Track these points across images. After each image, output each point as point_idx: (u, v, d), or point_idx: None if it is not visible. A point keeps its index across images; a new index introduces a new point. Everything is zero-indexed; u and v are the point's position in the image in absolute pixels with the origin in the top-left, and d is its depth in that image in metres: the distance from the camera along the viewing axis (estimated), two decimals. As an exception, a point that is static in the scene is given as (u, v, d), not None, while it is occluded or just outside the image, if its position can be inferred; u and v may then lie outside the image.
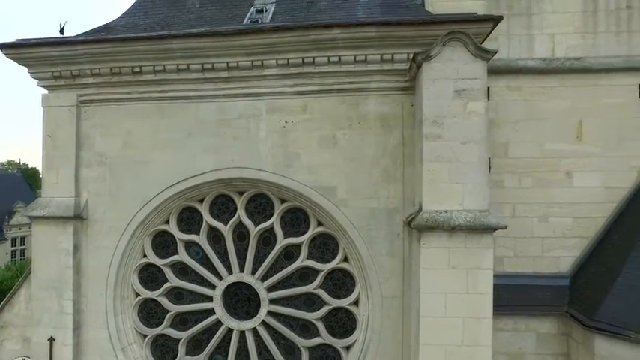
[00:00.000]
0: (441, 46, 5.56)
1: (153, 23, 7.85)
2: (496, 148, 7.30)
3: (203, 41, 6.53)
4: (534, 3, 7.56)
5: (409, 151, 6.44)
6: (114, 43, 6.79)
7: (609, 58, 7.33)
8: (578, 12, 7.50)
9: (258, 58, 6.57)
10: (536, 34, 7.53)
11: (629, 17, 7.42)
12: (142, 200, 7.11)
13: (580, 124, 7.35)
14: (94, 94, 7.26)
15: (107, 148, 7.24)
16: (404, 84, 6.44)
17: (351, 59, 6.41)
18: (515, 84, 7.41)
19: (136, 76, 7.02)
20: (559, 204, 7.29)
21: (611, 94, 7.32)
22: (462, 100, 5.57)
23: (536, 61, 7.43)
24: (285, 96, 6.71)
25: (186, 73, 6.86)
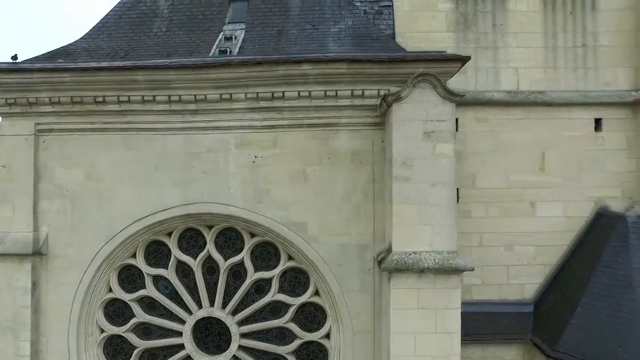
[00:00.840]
0: (411, 87, 5.63)
1: (117, 47, 7.55)
2: (464, 179, 7.46)
3: (169, 73, 6.34)
4: (500, 37, 7.77)
5: (380, 186, 6.49)
6: (74, 73, 6.48)
7: (568, 93, 7.65)
8: (540, 47, 7.77)
9: (226, 92, 6.44)
10: (502, 67, 7.75)
11: (585, 54, 7.76)
12: (107, 234, 6.84)
13: (543, 155, 7.63)
14: (53, 123, 6.91)
15: (69, 180, 6.91)
16: (374, 119, 6.48)
17: (321, 94, 6.39)
18: (482, 116, 7.60)
19: (99, 106, 6.74)
20: (524, 233, 7.54)
21: (570, 127, 7.64)
22: (431, 141, 5.66)
23: (502, 93, 7.64)
24: (255, 130, 6.61)
25: (153, 104, 6.64)
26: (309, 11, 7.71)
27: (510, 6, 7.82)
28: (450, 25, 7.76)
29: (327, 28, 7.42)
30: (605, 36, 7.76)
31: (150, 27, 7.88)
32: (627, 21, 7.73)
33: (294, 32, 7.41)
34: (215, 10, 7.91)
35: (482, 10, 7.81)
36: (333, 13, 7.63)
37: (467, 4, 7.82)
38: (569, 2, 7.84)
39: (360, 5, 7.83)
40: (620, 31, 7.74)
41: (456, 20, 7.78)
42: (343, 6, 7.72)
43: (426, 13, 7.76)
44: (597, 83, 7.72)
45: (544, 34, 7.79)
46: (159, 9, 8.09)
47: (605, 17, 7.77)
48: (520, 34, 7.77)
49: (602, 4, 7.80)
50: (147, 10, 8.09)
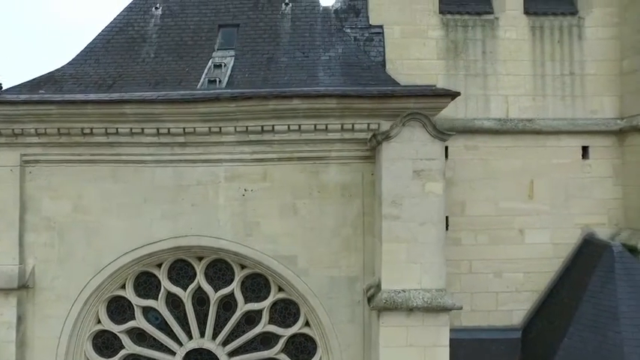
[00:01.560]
0: (400, 126, 5.64)
1: (104, 74, 7.45)
2: (454, 207, 7.51)
3: (157, 107, 6.28)
4: (490, 65, 7.82)
5: (369, 219, 6.51)
6: (60, 105, 6.39)
7: (556, 121, 7.73)
8: (529, 75, 7.83)
9: (215, 125, 6.40)
10: (492, 94, 7.80)
11: (572, 82, 7.84)
12: (95, 267, 6.77)
13: (532, 183, 7.70)
14: (39, 154, 6.80)
15: (56, 212, 6.81)
16: (364, 153, 6.48)
17: (311, 128, 6.38)
18: (472, 143, 7.64)
19: (87, 138, 6.65)
20: (512, 260, 7.62)
21: (558, 154, 7.72)
22: (420, 180, 5.68)
23: (491, 121, 7.69)
24: (245, 163, 6.58)
25: (141, 136, 6.57)
26: (299, 38, 7.68)
27: (500, 34, 7.86)
28: (440, 53, 7.78)
29: (317, 56, 7.40)
30: (592, 65, 7.85)
31: (138, 52, 7.79)
32: (612, 50, 7.83)
33: (284, 60, 7.38)
34: (204, 36, 7.85)
35: (473, 37, 7.85)
36: (323, 40, 7.62)
37: (457, 31, 7.85)
38: (557, 31, 7.92)
39: (350, 32, 7.80)
40: (605, 60, 7.83)
41: (447, 48, 7.81)
42: (334, 33, 7.71)
43: (416, 41, 7.78)
44: (584, 111, 7.82)
45: (533, 62, 7.85)
46: (147, 34, 8.00)
47: (592, 46, 7.86)
48: (509, 61, 7.82)
49: (588, 33, 7.89)
50: (135, 35, 8.00)
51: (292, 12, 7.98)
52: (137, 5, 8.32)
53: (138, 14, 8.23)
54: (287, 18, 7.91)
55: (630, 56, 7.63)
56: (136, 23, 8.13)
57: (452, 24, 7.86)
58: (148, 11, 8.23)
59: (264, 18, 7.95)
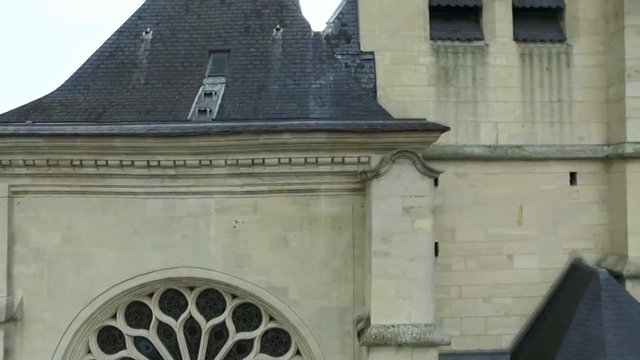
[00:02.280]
0: (390, 163, 5.69)
1: (94, 102, 7.40)
2: (444, 233, 7.57)
3: (148, 141, 6.26)
4: (480, 91, 7.87)
5: (359, 251, 6.55)
6: (49, 139, 6.35)
7: (545, 147, 7.81)
8: (519, 102, 7.90)
9: (206, 158, 6.40)
10: (482, 121, 7.86)
11: (560, 109, 7.93)
12: (85, 298, 6.75)
13: (521, 209, 7.78)
14: (28, 185, 6.76)
15: (45, 243, 6.78)
16: (354, 185, 6.52)
17: (301, 161, 6.40)
18: (462, 170, 7.70)
19: (76, 169, 6.62)
20: (501, 285, 7.71)
21: (547, 181, 7.81)
22: (409, 217, 5.74)
23: (481, 148, 7.75)
24: (235, 195, 6.59)
25: (131, 169, 6.55)
26: (290, 65, 7.67)
27: (490, 60, 7.92)
28: (431, 79, 7.82)
29: (308, 84, 7.41)
30: (579, 92, 7.94)
31: (128, 79, 7.74)
32: (599, 77, 7.93)
33: (275, 88, 7.38)
34: (195, 62, 7.81)
35: (463, 64, 7.90)
36: (314, 68, 7.62)
37: (448, 58, 7.90)
38: (546, 58, 8.00)
39: (341, 58, 7.81)
40: (592, 87, 7.93)
41: (437, 74, 7.85)
42: (325, 59, 7.72)
43: (407, 67, 7.81)
44: (572, 138, 7.91)
45: (522, 89, 7.92)
46: (137, 59, 7.94)
47: (579, 74, 7.95)
48: (499, 88, 7.88)
49: (576, 60, 7.98)
50: (125, 60, 7.95)
51: (283, 38, 7.97)
52: (127, 29, 8.26)
53: (128, 38, 8.17)
54: (278, 44, 7.90)
55: (616, 84, 7.73)
56: (126, 48, 8.07)
57: (442, 50, 7.91)
58: (138, 35, 8.17)
59: (255, 44, 7.94)
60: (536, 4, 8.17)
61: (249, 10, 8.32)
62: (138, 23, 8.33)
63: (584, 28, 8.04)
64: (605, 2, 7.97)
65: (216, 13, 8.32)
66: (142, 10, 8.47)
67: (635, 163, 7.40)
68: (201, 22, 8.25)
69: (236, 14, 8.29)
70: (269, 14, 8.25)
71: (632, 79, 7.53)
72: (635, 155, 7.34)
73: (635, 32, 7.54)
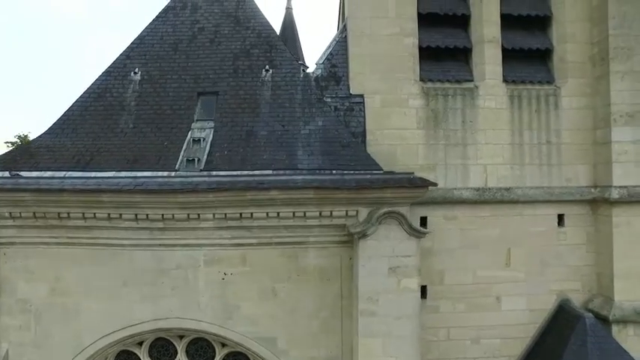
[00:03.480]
0: (376, 225, 5.72)
1: (82, 147, 7.35)
2: (433, 276, 7.62)
3: (135, 196, 6.25)
4: (469, 134, 7.90)
5: (347, 302, 6.58)
6: (35, 194, 6.31)
7: (533, 190, 7.86)
8: (508, 144, 7.94)
9: (194, 212, 6.39)
10: (471, 164, 7.89)
11: (549, 151, 7.98)
12: (74, 350, 6.73)
13: (509, 251, 7.85)
14: (15, 236, 6.72)
15: (32, 294, 6.76)
16: (342, 238, 6.54)
17: (289, 215, 6.41)
18: (451, 214, 7.74)
19: (63, 222, 6.59)
20: (489, 326, 7.78)
21: (535, 223, 7.87)
22: (396, 276, 5.78)
23: (470, 191, 7.79)
24: (224, 247, 6.60)
25: (119, 221, 6.53)
26: (279, 108, 7.65)
27: (480, 103, 7.95)
28: (420, 122, 7.83)
29: (297, 130, 7.40)
30: (567, 134, 7.99)
31: (117, 122, 7.69)
32: (586, 120, 7.99)
33: (264, 134, 7.36)
34: (183, 105, 7.77)
35: (453, 106, 7.92)
36: (303, 111, 7.61)
37: (437, 100, 7.91)
38: (535, 101, 8.03)
39: (331, 101, 7.80)
40: (579, 129, 7.99)
41: (427, 117, 7.87)
42: (314, 103, 7.70)
43: (397, 110, 7.82)
44: (560, 179, 7.97)
45: (511, 131, 7.96)
46: (126, 101, 7.89)
47: (567, 116, 8.00)
48: (489, 130, 7.92)
49: (564, 102, 8.02)
50: (114, 102, 7.89)
51: (272, 79, 7.94)
52: (116, 69, 8.19)
53: (116, 79, 8.10)
54: (267, 86, 7.87)
55: (602, 127, 7.79)
56: (114, 89, 8.00)
57: (432, 93, 7.92)
58: (126, 76, 8.11)
59: (244, 85, 7.90)
60: (525, 45, 8.19)
61: (238, 49, 8.27)
62: (126, 63, 8.26)
63: (572, 70, 8.08)
64: (592, 46, 8.02)
65: (205, 52, 8.28)
66: (130, 49, 8.40)
67: (621, 208, 7.48)
68: (190, 62, 8.20)
69: (225, 54, 8.24)
70: (258, 54, 8.22)
71: (618, 123, 7.59)
72: (621, 200, 7.42)
73: (619, 78, 7.59)
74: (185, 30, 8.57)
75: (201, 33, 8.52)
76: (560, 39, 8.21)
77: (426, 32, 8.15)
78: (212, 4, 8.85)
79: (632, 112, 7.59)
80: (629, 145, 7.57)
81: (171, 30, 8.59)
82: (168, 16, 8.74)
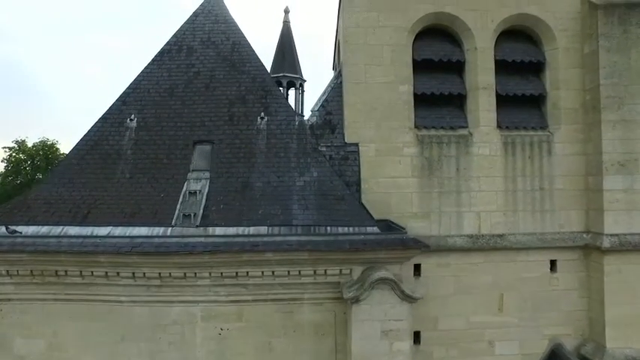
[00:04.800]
0: (369, 290, 5.80)
1: (79, 199, 7.40)
2: (426, 322, 7.72)
3: (132, 257, 6.32)
4: (463, 181, 7.98)
5: (342, 356, 6.65)
6: (33, 254, 6.37)
7: (526, 236, 7.95)
8: (501, 191, 8.03)
9: (191, 271, 6.47)
10: (465, 211, 7.98)
11: (542, 197, 8.07)
12: (71, 403, 6.85)
13: (501, 297, 7.95)
14: (11, 292, 6.77)
15: (29, 351, 6.79)
16: (336, 294, 6.60)
17: (284, 273, 6.49)
18: (444, 261, 7.83)
19: (61, 279, 6.64)
20: (482, 371, 7.93)
21: (527, 269, 7.98)
22: (389, 340, 5.88)
23: (464, 238, 7.88)
24: (220, 304, 6.67)
25: (116, 278, 6.59)
26: (274, 158, 7.71)
27: (474, 150, 8.02)
28: (415, 170, 7.91)
29: (292, 181, 7.46)
30: (560, 180, 8.09)
31: (113, 171, 7.73)
32: (578, 165, 8.09)
33: (259, 185, 7.42)
34: (179, 154, 7.82)
35: (447, 154, 7.99)
36: (298, 161, 7.67)
37: (432, 148, 7.98)
38: (528, 147, 8.11)
39: (326, 150, 7.87)
40: (572, 175, 8.08)
41: (421, 165, 7.94)
42: (309, 152, 7.76)
43: (391, 158, 7.89)
44: (553, 225, 8.07)
45: (505, 178, 8.05)
46: (122, 149, 7.94)
47: (560, 162, 8.09)
48: (482, 178, 8.00)
49: (557, 149, 8.11)
50: (110, 151, 7.93)
51: (268, 127, 7.99)
52: (112, 116, 8.23)
53: (113, 126, 8.14)
54: (262, 134, 7.93)
55: (594, 174, 7.87)
56: (110, 137, 8.05)
57: (427, 140, 7.99)
58: (122, 123, 8.15)
59: (240, 134, 7.95)
60: (519, 91, 8.26)
61: (233, 95, 8.32)
62: (122, 109, 8.30)
63: (565, 116, 8.17)
64: (584, 93, 8.09)
65: (200, 98, 8.32)
66: (126, 95, 8.44)
67: (613, 256, 7.58)
68: (186, 108, 8.24)
69: (220, 100, 8.29)
70: (253, 100, 8.26)
71: (610, 172, 7.67)
72: (613, 249, 7.52)
73: (611, 127, 7.68)
74: (181, 74, 8.62)
75: (196, 77, 8.56)
76: (554, 85, 8.29)
77: (421, 78, 8.22)
78: (207, 47, 8.90)
79: (624, 160, 7.68)
80: (621, 194, 7.66)
81: (167, 74, 8.64)
82: (163, 60, 8.78)
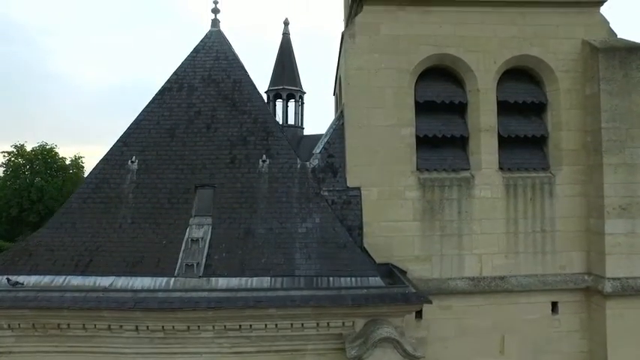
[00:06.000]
0: (372, 348, 5.82)
1: (81, 246, 7.40)
2: (428, 365, 7.77)
3: (136, 313, 6.31)
4: (465, 224, 7.98)
5: (345, 407, 6.72)
6: (35, 310, 6.37)
7: (527, 278, 7.97)
8: (503, 233, 8.04)
9: (194, 324, 6.47)
10: (466, 254, 7.99)
11: (543, 239, 8.09)
12: None
13: (502, 339, 7.98)
14: (13, 345, 6.75)
15: (34, 401, 6.86)
16: (339, 345, 6.60)
17: (287, 326, 6.50)
18: (446, 304, 7.85)
19: (64, 331, 6.63)
20: (482, 411, 7.97)
21: (528, 311, 8.00)
22: (391, 398, 5.89)
23: (465, 281, 7.90)
24: (224, 355, 6.66)
25: (120, 331, 6.59)
26: (276, 203, 7.70)
27: (476, 193, 8.03)
28: (417, 214, 7.91)
29: (294, 227, 7.46)
30: (561, 221, 8.11)
31: (115, 216, 7.72)
32: (580, 207, 8.11)
33: (261, 232, 7.42)
34: (181, 198, 7.81)
35: (449, 197, 7.99)
36: (300, 207, 7.66)
37: (434, 191, 7.98)
38: (530, 189, 8.11)
39: (328, 195, 7.85)
40: (573, 216, 8.10)
41: (423, 208, 7.94)
42: (311, 197, 7.75)
43: (393, 202, 7.89)
44: (554, 267, 8.09)
45: (506, 220, 8.06)
46: (123, 193, 7.92)
47: (562, 203, 8.11)
48: (484, 220, 8.01)
49: (558, 190, 8.12)
50: (111, 194, 7.92)
51: (269, 170, 7.98)
52: (113, 157, 8.21)
53: (114, 168, 8.12)
54: (264, 178, 7.91)
55: (596, 217, 7.89)
56: (112, 179, 8.03)
57: (429, 184, 7.98)
58: (123, 165, 8.13)
59: (241, 177, 7.94)
60: (521, 132, 8.26)
61: (234, 137, 8.30)
62: (123, 150, 8.28)
63: (567, 157, 8.17)
64: (585, 134, 8.10)
65: (201, 140, 8.29)
66: (127, 135, 8.41)
67: (615, 300, 7.60)
68: (187, 150, 8.22)
69: (222, 142, 8.26)
70: (255, 142, 8.24)
71: (611, 216, 7.69)
72: (614, 293, 7.55)
73: (612, 170, 7.69)
74: (181, 114, 8.59)
75: (197, 117, 8.53)
76: (555, 126, 8.29)
77: (423, 119, 8.20)
78: (208, 85, 8.86)
79: (625, 204, 7.70)
80: (622, 238, 7.68)
81: (168, 114, 8.60)
82: (164, 99, 8.75)
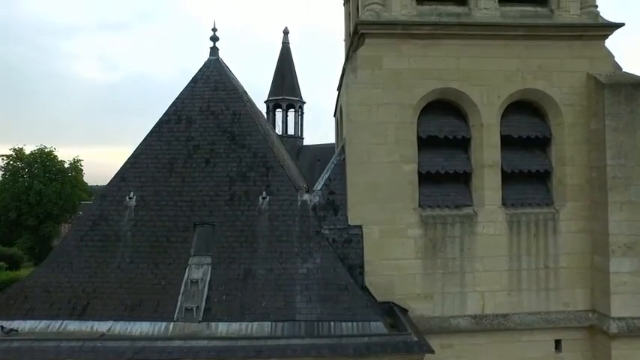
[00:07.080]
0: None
1: (78, 287, 7.30)
2: (430, 405, 7.69)
3: (133, 364, 6.23)
4: (467, 262, 7.88)
5: None
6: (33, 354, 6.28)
7: (530, 316, 7.88)
8: (506, 270, 7.94)
9: (194, 372, 6.40)
10: (469, 291, 7.89)
11: (547, 276, 7.99)
12: None
13: (505, 377, 7.92)
14: (12, 390, 6.73)
15: None
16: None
17: (289, 372, 6.43)
18: (448, 342, 7.75)
19: (61, 377, 6.59)
20: None
21: (531, 349, 7.91)
22: None
23: (467, 319, 7.80)
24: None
25: (118, 379, 6.54)
26: (276, 242, 7.59)
27: (478, 230, 7.92)
28: (418, 252, 7.81)
29: (294, 268, 7.35)
30: (565, 258, 8.01)
31: (113, 255, 7.61)
32: (583, 243, 8.01)
33: (262, 273, 7.31)
34: (180, 237, 7.70)
35: (451, 234, 7.89)
36: (301, 246, 7.55)
37: (436, 229, 7.87)
38: (533, 225, 8.01)
39: (329, 233, 7.74)
40: (577, 253, 8.00)
41: (425, 246, 7.83)
42: (312, 237, 7.64)
43: (395, 240, 7.78)
44: (557, 304, 7.99)
45: (509, 257, 7.96)
46: (122, 230, 7.81)
47: (565, 240, 8.01)
48: (487, 257, 7.91)
49: (562, 226, 8.02)
50: (109, 232, 7.80)
51: (269, 207, 7.86)
52: (111, 193, 8.10)
53: (112, 204, 8.01)
54: (264, 216, 7.79)
55: (600, 254, 7.79)
56: (110, 216, 7.91)
57: (431, 221, 7.87)
58: (121, 201, 8.01)
59: (241, 215, 7.82)
60: (525, 167, 8.14)
61: (234, 172, 8.17)
62: (121, 186, 8.16)
63: (571, 193, 8.05)
64: (590, 169, 7.97)
65: (200, 175, 8.17)
66: (125, 170, 8.29)
67: (620, 341, 7.50)
68: (186, 186, 8.10)
69: (221, 177, 8.14)
70: (255, 178, 8.12)
71: (616, 254, 7.59)
72: (620, 334, 7.45)
73: (618, 208, 7.58)
74: (180, 147, 8.46)
75: (196, 152, 8.40)
76: (559, 161, 8.16)
77: (425, 154, 8.08)
78: (207, 117, 8.72)
79: (630, 243, 7.59)
80: (627, 276, 7.58)
81: (166, 147, 8.48)
82: (162, 131, 8.61)
